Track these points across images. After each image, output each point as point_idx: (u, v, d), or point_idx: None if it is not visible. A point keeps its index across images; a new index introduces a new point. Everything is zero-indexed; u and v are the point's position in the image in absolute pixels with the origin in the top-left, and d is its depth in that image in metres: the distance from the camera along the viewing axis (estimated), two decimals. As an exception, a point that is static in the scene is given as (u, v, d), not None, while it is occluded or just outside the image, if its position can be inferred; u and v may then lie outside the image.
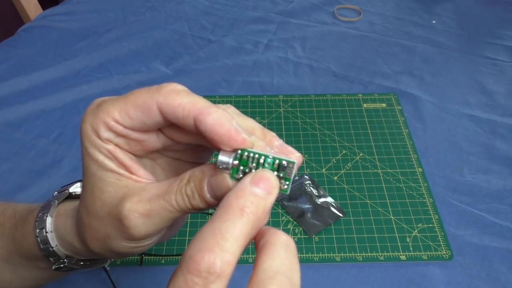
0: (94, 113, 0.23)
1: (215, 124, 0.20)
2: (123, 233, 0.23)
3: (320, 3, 0.88)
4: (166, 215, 0.22)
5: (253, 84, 0.70)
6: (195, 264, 0.17)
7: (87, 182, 0.24)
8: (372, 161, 0.58)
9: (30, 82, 0.70)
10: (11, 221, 0.32)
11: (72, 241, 0.28)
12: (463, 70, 0.73)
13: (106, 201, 0.23)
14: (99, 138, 0.23)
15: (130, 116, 0.22)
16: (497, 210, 0.53)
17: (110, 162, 0.23)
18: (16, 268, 0.33)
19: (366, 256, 0.48)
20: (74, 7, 0.87)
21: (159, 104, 0.21)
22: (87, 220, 0.25)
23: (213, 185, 0.21)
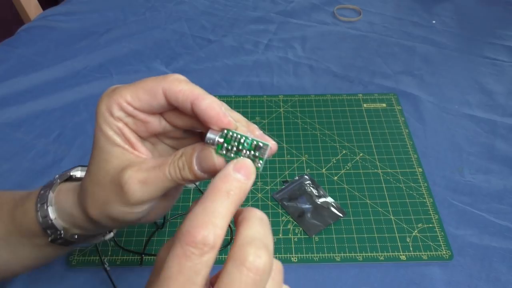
0: (109, 96, 0.27)
1: (208, 108, 0.25)
2: (121, 197, 0.27)
3: (320, 3, 0.88)
4: (160, 184, 0.26)
5: (253, 84, 0.70)
6: (192, 238, 0.20)
7: (95, 154, 0.28)
8: (372, 161, 0.58)
9: (30, 82, 0.70)
10: (10, 203, 0.35)
11: (72, 211, 0.31)
12: (463, 70, 0.73)
13: (110, 171, 0.27)
14: (112, 116, 0.27)
15: (140, 98, 0.26)
16: (497, 210, 0.53)
17: (118, 137, 0.27)
18: (14, 247, 0.35)
19: (366, 256, 0.48)
20: (74, 7, 0.87)
21: (164, 89, 0.26)
22: (91, 188, 0.28)
23: (201, 159, 0.25)
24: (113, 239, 0.47)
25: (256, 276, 0.20)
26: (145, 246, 0.49)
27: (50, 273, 0.47)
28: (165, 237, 0.50)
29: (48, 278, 0.47)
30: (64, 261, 0.48)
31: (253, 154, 0.25)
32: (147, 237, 0.50)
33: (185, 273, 0.20)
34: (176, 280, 0.20)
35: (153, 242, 0.50)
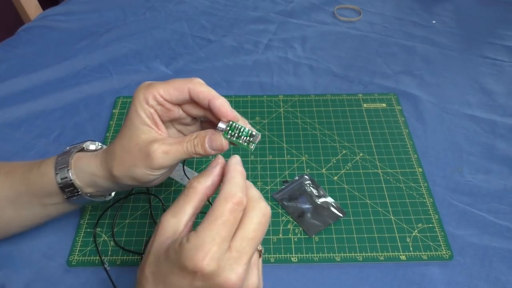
0: (146, 88, 0.37)
1: (220, 105, 0.35)
2: (147, 162, 0.36)
3: (320, 3, 0.88)
4: (178, 155, 0.36)
5: (253, 84, 0.70)
6: (235, 199, 0.30)
7: (127, 129, 0.37)
8: (372, 161, 0.58)
9: (30, 82, 0.70)
10: (22, 167, 0.43)
11: (95, 171, 0.40)
12: (463, 70, 0.73)
13: (139, 143, 0.37)
14: (147, 104, 0.37)
15: (170, 93, 0.36)
16: (497, 210, 0.53)
17: (148, 120, 0.37)
18: (21, 207, 0.43)
19: (366, 256, 0.48)
20: (74, 7, 0.87)
21: (189, 88, 0.36)
22: (120, 153, 0.38)
23: (212, 140, 0.36)
24: (112, 199, 0.48)
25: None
26: (145, 246, 0.49)
27: (50, 273, 0.47)
28: (165, 237, 0.50)
29: (48, 278, 0.47)
30: (64, 261, 0.48)
31: (248, 140, 0.36)
32: (147, 237, 0.50)
33: (231, 218, 0.29)
34: (227, 220, 0.29)
35: (153, 242, 0.50)
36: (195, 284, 0.29)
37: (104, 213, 0.52)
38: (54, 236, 0.51)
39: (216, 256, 0.28)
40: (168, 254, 0.30)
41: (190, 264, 0.28)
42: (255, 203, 0.31)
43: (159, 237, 0.31)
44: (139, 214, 0.52)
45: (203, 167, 0.57)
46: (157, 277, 0.30)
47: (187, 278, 0.29)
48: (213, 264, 0.28)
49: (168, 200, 0.54)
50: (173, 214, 0.32)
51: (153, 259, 0.31)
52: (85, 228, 0.51)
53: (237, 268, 0.29)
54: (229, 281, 0.28)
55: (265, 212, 0.31)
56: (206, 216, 0.30)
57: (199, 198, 0.32)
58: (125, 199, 0.54)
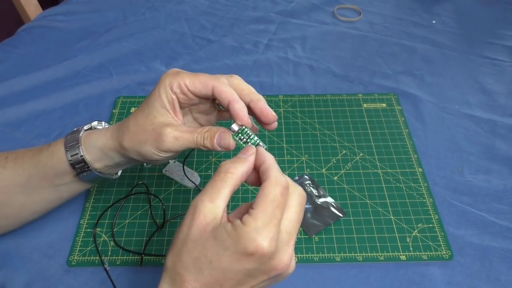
0: (174, 75, 0.38)
1: (238, 109, 0.37)
2: (157, 143, 0.38)
3: (320, 3, 0.88)
4: (186, 143, 0.38)
5: (253, 84, 0.69)
6: (284, 183, 0.31)
7: (146, 108, 0.39)
8: (372, 161, 0.58)
9: (30, 82, 0.70)
10: (31, 152, 0.44)
11: (106, 144, 0.41)
12: (463, 70, 0.73)
13: (154, 123, 0.38)
14: (171, 89, 0.38)
15: (195, 85, 0.38)
16: (497, 210, 0.53)
17: (168, 104, 0.39)
18: (32, 191, 0.43)
19: (366, 256, 0.48)
20: (74, 7, 0.87)
21: (213, 86, 0.37)
22: (134, 128, 0.39)
23: (222, 137, 0.38)
24: (117, 176, 0.48)
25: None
26: (145, 246, 0.49)
27: (50, 273, 0.47)
28: (165, 237, 0.50)
29: (48, 278, 0.47)
30: (64, 261, 0.48)
31: None
32: (147, 237, 0.50)
33: (282, 201, 0.31)
34: (280, 203, 0.30)
35: (153, 242, 0.50)
36: (248, 266, 0.29)
37: (104, 213, 0.52)
38: (54, 236, 0.51)
39: (276, 237, 0.29)
40: (218, 239, 0.29)
41: (250, 245, 0.28)
42: (293, 187, 0.33)
43: (197, 222, 0.30)
44: (139, 214, 0.52)
45: (203, 167, 0.57)
46: (200, 263, 0.30)
47: (242, 261, 0.29)
48: (273, 245, 0.29)
49: (168, 200, 0.54)
50: (211, 199, 0.31)
51: (193, 245, 0.30)
52: (85, 228, 0.51)
53: (288, 249, 0.30)
54: (282, 262, 0.30)
55: (303, 195, 0.33)
56: (258, 201, 0.30)
57: (235, 184, 0.32)
58: (125, 199, 0.54)
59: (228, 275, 0.29)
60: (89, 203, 0.53)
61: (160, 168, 0.57)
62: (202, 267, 0.30)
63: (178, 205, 0.53)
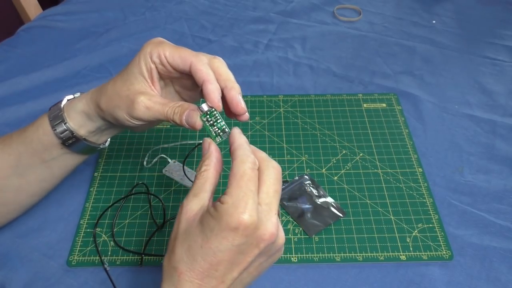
0: (156, 44, 0.39)
1: (210, 91, 0.36)
2: (129, 109, 0.39)
3: (320, 3, 0.88)
4: (157, 114, 0.38)
5: (253, 84, 0.70)
6: (250, 159, 0.33)
7: (125, 74, 0.40)
8: (372, 161, 0.58)
9: (30, 82, 0.70)
10: (18, 131, 0.44)
11: (84, 106, 0.42)
12: (463, 70, 0.73)
13: (130, 89, 0.39)
14: (151, 58, 0.39)
15: (174, 59, 0.38)
16: (497, 210, 0.53)
17: (146, 73, 0.39)
18: (23, 171, 0.44)
19: (366, 256, 0.48)
20: (74, 7, 0.87)
21: (191, 62, 0.37)
22: (110, 92, 0.40)
23: (190, 115, 0.37)
24: (105, 146, 0.48)
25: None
26: (145, 246, 0.49)
27: (50, 273, 0.47)
28: (165, 237, 0.50)
29: (48, 278, 0.47)
30: (64, 261, 0.48)
31: (218, 132, 0.38)
32: (147, 237, 0.50)
33: (253, 175, 0.32)
34: (251, 177, 0.32)
35: (153, 242, 0.50)
36: (237, 242, 0.30)
37: (104, 213, 0.52)
38: (54, 236, 0.51)
39: (254, 207, 0.30)
40: (204, 223, 0.31)
41: (232, 220, 0.29)
42: (266, 162, 0.34)
43: (185, 216, 0.32)
44: (139, 214, 0.52)
45: (203, 167, 0.57)
46: (192, 250, 0.31)
47: (229, 237, 0.30)
48: (253, 215, 0.30)
49: (168, 200, 0.54)
50: (195, 195, 0.33)
51: (184, 236, 0.32)
52: (85, 228, 0.51)
53: (271, 219, 0.31)
54: (267, 231, 0.31)
55: (278, 168, 0.34)
56: (231, 180, 0.32)
57: (213, 176, 0.34)
58: (125, 199, 0.54)
59: (219, 256, 0.30)
60: (89, 203, 0.53)
61: (160, 168, 0.57)
62: (194, 254, 0.30)
63: (178, 205, 0.53)
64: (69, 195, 0.54)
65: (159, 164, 0.57)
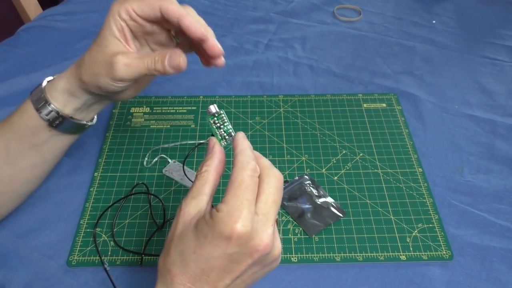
0: (122, 2, 0.38)
1: (189, 23, 0.37)
2: (110, 72, 0.38)
3: (320, 3, 0.88)
4: (138, 69, 0.38)
5: (253, 84, 0.70)
6: (251, 166, 0.32)
7: (98, 40, 0.39)
8: (372, 161, 0.58)
9: (30, 82, 0.70)
10: (3, 120, 0.44)
11: (66, 83, 0.42)
12: (463, 70, 0.73)
13: (106, 53, 0.38)
14: (119, 17, 0.38)
15: (142, 9, 0.37)
16: (497, 210, 0.53)
17: (118, 32, 0.38)
18: (14, 159, 0.44)
19: (366, 256, 0.48)
20: (74, 7, 0.87)
21: (160, 6, 0.37)
22: (88, 62, 0.39)
23: (172, 58, 0.38)
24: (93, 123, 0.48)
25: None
26: (145, 246, 0.49)
27: (50, 273, 0.47)
28: (165, 237, 0.50)
29: (48, 278, 0.47)
30: (64, 261, 0.48)
31: (224, 136, 0.37)
32: (147, 237, 0.50)
33: (251, 183, 0.31)
34: (249, 185, 0.31)
35: (153, 242, 0.50)
36: (230, 251, 0.30)
37: (104, 213, 0.52)
38: (54, 236, 0.51)
39: (249, 217, 0.30)
40: (198, 229, 0.31)
41: (225, 229, 0.29)
42: (268, 170, 0.33)
43: (182, 219, 0.32)
44: (139, 214, 0.52)
45: (203, 167, 0.57)
46: (185, 255, 0.31)
47: (221, 246, 0.29)
48: (247, 225, 0.29)
49: (168, 200, 0.54)
50: (193, 197, 0.33)
51: (179, 240, 0.31)
52: (85, 228, 0.51)
53: (267, 230, 0.31)
54: (262, 242, 0.30)
55: (279, 177, 0.33)
56: (228, 187, 0.31)
57: (213, 178, 0.34)
58: (125, 199, 0.54)
59: (211, 263, 0.30)
60: (89, 203, 0.53)
61: (160, 168, 0.57)
62: (187, 259, 0.30)
63: (178, 205, 0.53)
64: (69, 195, 0.54)
65: (159, 164, 0.58)
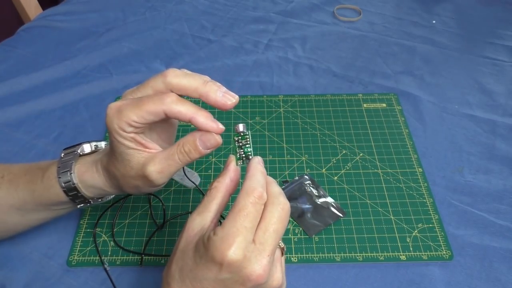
0: (117, 117, 0.34)
1: (203, 124, 0.34)
2: (148, 183, 0.37)
3: (320, 3, 0.88)
4: (172, 169, 0.36)
5: (253, 84, 0.70)
6: (256, 193, 0.31)
7: (118, 157, 0.37)
8: (372, 161, 0.58)
9: (30, 82, 0.70)
10: (25, 176, 0.42)
11: (103, 187, 0.40)
12: (463, 70, 0.73)
13: (133, 167, 0.36)
14: (125, 132, 0.35)
15: (145, 118, 0.34)
16: (497, 210, 0.53)
17: (132, 144, 0.36)
18: (27, 213, 0.43)
19: (366, 256, 0.48)
20: (74, 7, 0.87)
21: (164, 111, 0.34)
22: (122, 179, 0.38)
23: (204, 140, 0.35)
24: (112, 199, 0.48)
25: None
26: (145, 246, 0.49)
27: (50, 273, 0.47)
28: (165, 237, 0.50)
29: (48, 278, 0.47)
30: (64, 261, 0.48)
31: (243, 157, 0.37)
32: (147, 237, 0.50)
33: (253, 211, 0.31)
34: (250, 212, 0.30)
35: (153, 242, 0.50)
36: (222, 276, 0.29)
37: (104, 213, 0.52)
38: (54, 236, 0.51)
39: (242, 246, 0.29)
40: (197, 248, 0.31)
41: (217, 254, 0.29)
42: (274, 198, 0.32)
43: (186, 234, 0.32)
44: (139, 214, 0.52)
45: (203, 167, 0.57)
46: (183, 272, 0.31)
47: (213, 270, 0.29)
48: (239, 253, 0.29)
49: (168, 200, 0.54)
50: (198, 213, 0.33)
51: (180, 255, 0.32)
52: (85, 228, 0.51)
53: (262, 260, 0.30)
54: (254, 272, 0.29)
55: (284, 207, 0.32)
56: (230, 210, 0.31)
57: (221, 196, 0.33)
58: (125, 199, 0.54)
59: (205, 284, 0.30)
60: (89, 203, 0.53)
61: (160, 168, 0.57)
62: (184, 276, 0.31)
63: (178, 205, 0.53)
64: (69, 195, 0.54)
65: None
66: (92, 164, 0.41)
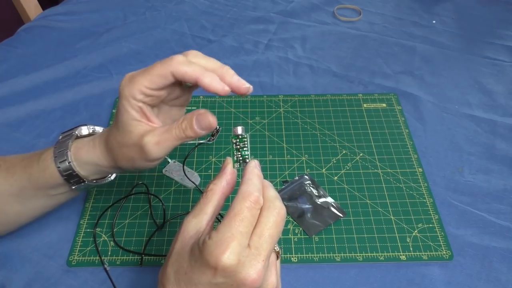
0: (130, 84, 0.36)
1: (209, 83, 0.35)
2: (143, 155, 0.37)
3: (320, 3, 0.88)
4: (169, 143, 0.37)
5: (253, 84, 0.69)
6: (252, 198, 0.31)
7: (120, 126, 0.38)
8: (372, 161, 0.58)
9: (30, 82, 0.70)
10: (22, 162, 0.43)
11: (99, 162, 0.41)
12: (463, 70, 0.73)
13: (132, 138, 0.37)
14: (135, 99, 0.36)
15: (155, 82, 0.36)
16: (497, 210, 0.53)
17: (138, 114, 0.37)
18: (26, 200, 0.44)
19: (366, 256, 0.48)
20: (74, 7, 0.87)
21: (172, 72, 0.35)
22: (118, 149, 0.39)
23: (199, 119, 0.36)
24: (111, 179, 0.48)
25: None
26: (145, 246, 0.49)
27: (50, 273, 0.47)
28: (165, 237, 0.50)
29: (48, 278, 0.47)
30: (64, 261, 0.48)
31: (240, 159, 0.36)
32: (147, 237, 0.50)
33: (248, 215, 0.30)
34: (245, 217, 0.30)
35: (153, 242, 0.50)
36: (216, 281, 0.29)
37: (104, 213, 0.52)
38: (54, 236, 0.51)
39: (236, 250, 0.29)
40: (192, 251, 0.31)
41: (211, 259, 0.29)
42: (270, 202, 0.32)
43: (182, 237, 0.32)
44: (139, 214, 0.52)
45: (203, 167, 0.57)
46: (178, 274, 0.31)
47: (208, 274, 0.29)
48: (233, 258, 0.29)
49: (168, 200, 0.54)
50: (194, 215, 0.33)
51: (176, 257, 0.32)
52: (85, 228, 0.51)
53: (256, 265, 0.30)
54: (249, 277, 0.29)
55: (280, 212, 0.32)
56: (226, 214, 0.31)
57: (217, 198, 0.33)
58: (125, 199, 0.54)
59: (200, 287, 0.30)
60: (89, 203, 0.53)
61: (160, 168, 0.57)
62: (180, 279, 0.31)
63: (178, 205, 0.53)
64: (69, 195, 0.54)
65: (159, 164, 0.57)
66: (89, 140, 0.42)
